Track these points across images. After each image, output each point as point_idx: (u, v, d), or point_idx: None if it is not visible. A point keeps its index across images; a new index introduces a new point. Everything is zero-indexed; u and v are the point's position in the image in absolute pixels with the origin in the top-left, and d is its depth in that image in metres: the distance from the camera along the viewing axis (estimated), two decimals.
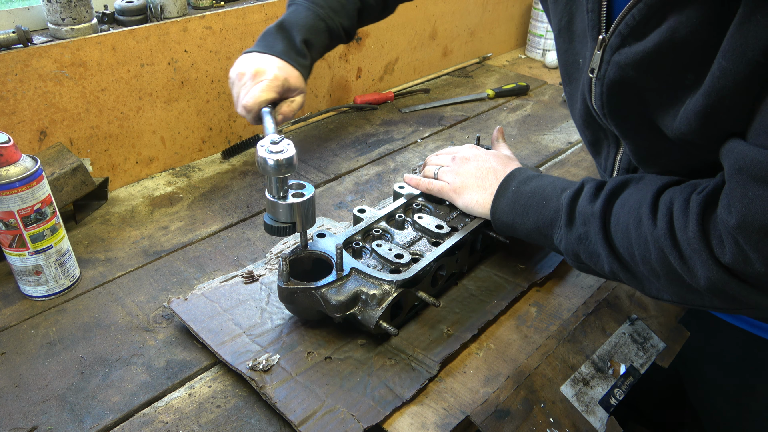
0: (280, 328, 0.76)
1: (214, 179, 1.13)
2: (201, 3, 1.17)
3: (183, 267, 0.89)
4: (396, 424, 0.64)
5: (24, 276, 0.80)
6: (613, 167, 0.77)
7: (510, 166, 0.83)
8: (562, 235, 0.70)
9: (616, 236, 0.63)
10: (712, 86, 0.50)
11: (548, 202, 0.72)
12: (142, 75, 1.05)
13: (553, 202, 0.72)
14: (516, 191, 0.77)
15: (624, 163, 0.75)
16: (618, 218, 0.63)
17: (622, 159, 0.76)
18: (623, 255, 0.63)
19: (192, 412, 0.67)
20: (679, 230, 0.56)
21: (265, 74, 0.87)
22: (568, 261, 0.73)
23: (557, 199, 0.71)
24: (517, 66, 1.78)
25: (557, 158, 1.24)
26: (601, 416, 0.72)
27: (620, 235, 0.63)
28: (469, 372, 0.71)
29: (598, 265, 0.67)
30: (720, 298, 0.57)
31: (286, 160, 0.67)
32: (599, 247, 0.65)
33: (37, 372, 0.71)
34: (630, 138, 0.68)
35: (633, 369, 0.78)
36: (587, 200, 0.67)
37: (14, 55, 0.89)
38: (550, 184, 0.75)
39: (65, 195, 0.92)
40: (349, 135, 1.32)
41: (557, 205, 0.71)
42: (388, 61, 1.53)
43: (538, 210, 0.73)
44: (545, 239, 0.74)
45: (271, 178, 0.69)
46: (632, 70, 0.58)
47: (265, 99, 0.86)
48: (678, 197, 0.58)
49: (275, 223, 0.71)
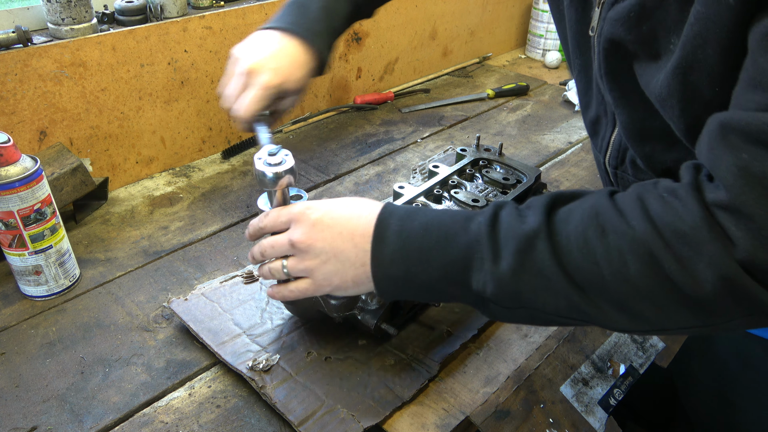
0: (280, 328, 0.76)
1: (214, 179, 1.13)
2: (201, 3, 1.17)
3: (183, 267, 0.89)
4: (396, 424, 0.64)
5: (24, 276, 0.80)
6: (607, 147, 0.76)
7: (371, 204, 0.61)
8: (487, 276, 0.52)
9: (570, 258, 0.49)
10: (687, 35, 0.49)
11: (454, 238, 0.54)
12: (142, 75, 1.05)
13: (461, 237, 0.54)
14: (400, 232, 0.57)
15: (617, 143, 0.73)
16: (567, 235, 0.49)
17: (615, 139, 0.73)
18: (584, 281, 0.49)
19: (192, 412, 0.67)
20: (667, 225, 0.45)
21: (258, 76, 0.74)
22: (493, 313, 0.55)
23: (465, 231, 0.54)
24: (517, 66, 1.78)
25: (557, 158, 1.24)
26: (600, 416, 0.72)
27: (577, 254, 0.49)
28: (469, 372, 0.71)
29: (549, 303, 0.51)
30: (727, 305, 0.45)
31: (285, 171, 0.64)
32: (551, 274, 0.49)
33: (37, 372, 0.71)
34: (622, 107, 0.67)
35: (632, 369, 0.78)
36: (514, 221, 0.52)
37: (14, 55, 0.89)
38: (443, 216, 0.57)
39: (65, 195, 0.92)
40: (349, 135, 1.32)
41: (468, 239, 0.54)
42: (388, 61, 1.53)
43: (441, 250, 0.55)
44: (456, 288, 0.55)
45: (271, 192, 0.67)
46: (621, 26, 0.57)
47: (256, 111, 0.75)
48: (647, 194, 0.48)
49: None
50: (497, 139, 1.31)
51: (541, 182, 0.96)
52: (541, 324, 0.57)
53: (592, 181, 1.14)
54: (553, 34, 1.76)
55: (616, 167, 0.75)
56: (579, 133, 1.35)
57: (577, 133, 1.35)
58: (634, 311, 0.48)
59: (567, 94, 1.49)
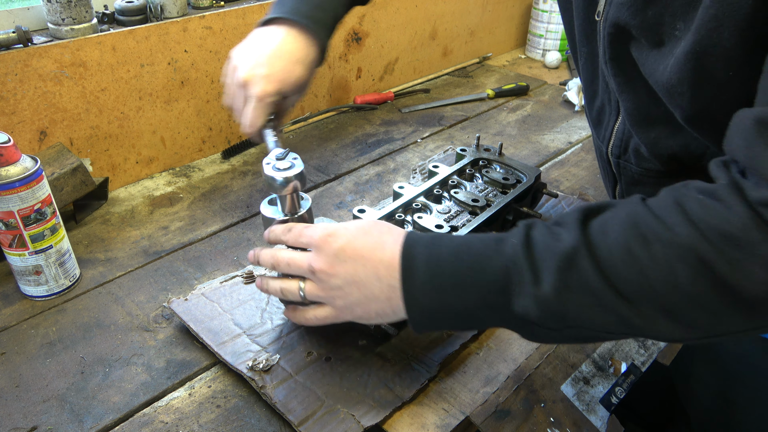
0: (280, 328, 0.76)
1: (214, 179, 1.13)
2: (201, 3, 1.17)
3: (183, 267, 0.89)
4: (396, 424, 0.64)
5: (24, 276, 0.80)
6: (610, 136, 0.75)
7: (394, 232, 0.59)
8: (529, 299, 0.50)
9: (615, 270, 0.47)
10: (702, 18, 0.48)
11: (488, 262, 0.52)
12: (142, 75, 1.05)
13: (494, 260, 0.52)
14: (428, 261, 0.55)
15: (620, 132, 0.73)
16: (608, 247, 0.48)
17: (618, 128, 0.73)
18: (632, 292, 0.47)
19: (192, 412, 0.67)
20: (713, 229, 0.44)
21: (252, 88, 0.70)
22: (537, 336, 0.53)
23: (498, 254, 0.52)
24: (517, 66, 1.78)
25: (557, 158, 1.24)
26: (602, 415, 0.72)
27: (621, 266, 0.47)
28: (469, 372, 0.71)
29: (597, 320, 0.49)
30: None
31: (295, 176, 0.64)
32: (597, 290, 0.47)
33: (37, 372, 0.71)
34: (627, 92, 0.66)
35: (634, 367, 0.78)
36: (549, 240, 0.51)
37: (14, 55, 0.89)
38: (470, 240, 0.55)
39: (65, 195, 0.92)
40: (349, 135, 1.32)
41: (504, 262, 0.51)
42: (388, 61, 1.53)
43: (475, 276, 0.52)
44: (496, 313, 0.53)
45: (282, 196, 0.67)
46: (626, 10, 0.57)
47: (262, 123, 0.73)
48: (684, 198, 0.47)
49: None
50: (497, 139, 1.31)
51: (541, 182, 0.96)
52: (586, 341, 0.55)
53: (592, 181, 1.14)
54: (554, 34, 1.76)
55: (619, 156, 0.74)
56: (579, 133, 1.35)
57: (577, 133, 1.35)
58: (687, 319, 0.46)
59: (567, 94, 1.49)
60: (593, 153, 1.25)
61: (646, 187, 0.73)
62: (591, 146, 1.28)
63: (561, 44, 1.77)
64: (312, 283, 0.61)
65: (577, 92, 1.48)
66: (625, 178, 0.76)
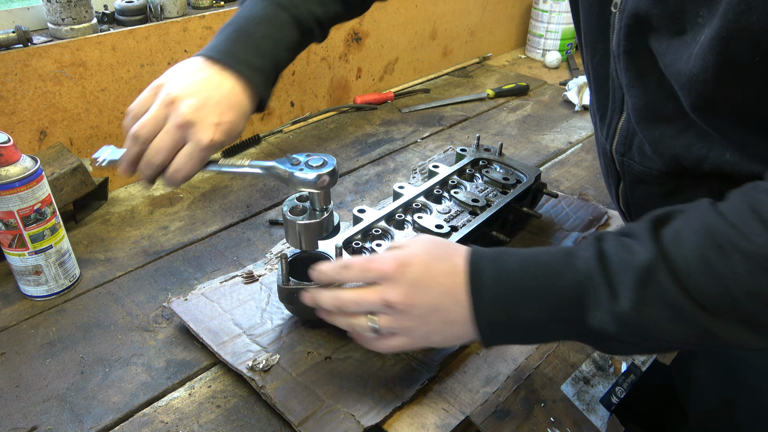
0: (280, 328, 0.76)
1: (214, 179, 1.13)
2: (201, 3, 1.17)
3: (183, 267, 0.89)
4: (396, 424, 0.64)
5: (24, 276, 0.80)
6: (614, 134, 0.75)
7: (460, 252, 0.57)
8: (606, 314, 0.49)
9: (694, 283, 0.47)
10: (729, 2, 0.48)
11: (559, 276, 0.52)
12: (142, 75, 1.05)
13: (567, 275, 0.52)
14: (496, 277, 0.54)
15: (624, 129, 0.72)
16: (685, 259, 0.47)
17: (623, 125, 0.72)
18: (713, 304, 0.46)
19: (192, 412, 0.67)
20: None
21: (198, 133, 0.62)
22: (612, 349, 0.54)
23: (571, 268, 0.52)
24: (517, 66, 1.78)
25: (557, 158, 1.24)
26: (602, 415, 0.72)
27: (700, 278, 0.46)
28: (469, 372, 0.71)
29: (676, 333, 0.49)
30: None
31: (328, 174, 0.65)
32: (677, 303, 0.47)
33: (37, 372, 0.71)
34: (636, 87, 0.66)
35: (634, 367, 0.78)
36: (623, 253, 0.50)
37: (14, 55, 0.89)
38: (538, 254, 0.55)
39: (65, 195, 0.92)
40: (349, 135, 1.32)
41: (577, 277, 0.51)
42: (388, 61, 1.53)
43: (546, 290, 0.52)
44: (568, 327, 0.53)
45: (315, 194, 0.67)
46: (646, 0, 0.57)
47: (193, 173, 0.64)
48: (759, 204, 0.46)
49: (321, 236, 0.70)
50: (497, 139, 1.31)
51: (541, 182, 0.96)
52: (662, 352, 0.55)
53: (592, 181, 1.14)
54: (554, 34, 1.76)
55: (623, 154, 0.74)
56: (579, 133, 1.35)
57: (577, 133, 1.35)
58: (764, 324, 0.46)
59: (567, 94, 1.49)
60: (593, 153, 1.25)
61: (650, 186, 0.73)
62: (591, 146, 1.28)
63: (561, 44, 1.77)
64: (387, 317, 0.58)
65: (577, 92, 1.48)
66: (629, 177, 0.76)
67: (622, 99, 0.71)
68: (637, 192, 0.76)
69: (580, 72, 1.70)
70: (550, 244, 0.91)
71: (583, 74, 1.65)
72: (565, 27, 1.74)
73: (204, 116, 0.62)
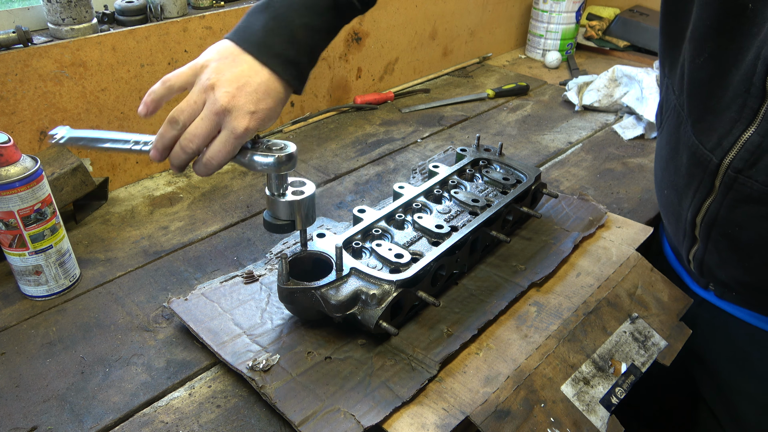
0: (280, 328, 0.76)
1: (214, 179, 1.13)
2: (201, 3, 1.17)
3: (183, 267, 0.89)
4: (396, 424, 0.64)
5: (24, 276, 0.80)
6: (732, 145, 0.67)
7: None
8: None
9: None
10: None
11: None
12: (142, 75, 1.05)
13: None
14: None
15: (754, 143, 0.65)
16: None
17: (752, 138, 0.65)
18: None
19: (192, 412, 0.67)
20: None
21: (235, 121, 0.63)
22: None
23: None
24: (517, 66, 1.78)
25: (557, 158, 1.24)
26: (602, 415, 0.72)
27: None
28: (469, 372, 0.71)
29: None
30: None
31: (286, 156, 0.67)
32: None
33: (37, 372, 0.71)
34: None
35: (634, 367, 0.78)
36: None
37: (14, 55, 0.90)
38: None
39: (65, 195, 0.92)
40: (349, 135, 1.32)
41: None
42: (388, 61, 1.53)
43: None
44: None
45: (270, 175, 0.69)
46: None
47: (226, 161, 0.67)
48: None
49: (274, 220, 0.72)
50: (497, 139, 1.31)
51: (541, 182, 0.96)
52: None
53: (592, 181, 1.14)
54: (554, 34, 1.76)
55: (740, 170, 0.67)
56: (579, 133, 1.35)
57: (577, 133, 1.35)
58: None
59: (567, 94, 1.49)
60: (593, 153, 1.25)
61: (761, 206, 0.66)
62: (591, 146, 1.28)
63: (561, 44, 1.77)
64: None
65: (577, 92, 1.48)
66: (736, 194, 0.69)
67: (756, 110, 0.64)
68: (739, 211, 0.70)
69: (580, 72, 1.70)
70: (550, 244, 0.91)
71: (582, 74, 1.65)
72: (565, 27, 1.74)
73: (240, 104, 0.63)
